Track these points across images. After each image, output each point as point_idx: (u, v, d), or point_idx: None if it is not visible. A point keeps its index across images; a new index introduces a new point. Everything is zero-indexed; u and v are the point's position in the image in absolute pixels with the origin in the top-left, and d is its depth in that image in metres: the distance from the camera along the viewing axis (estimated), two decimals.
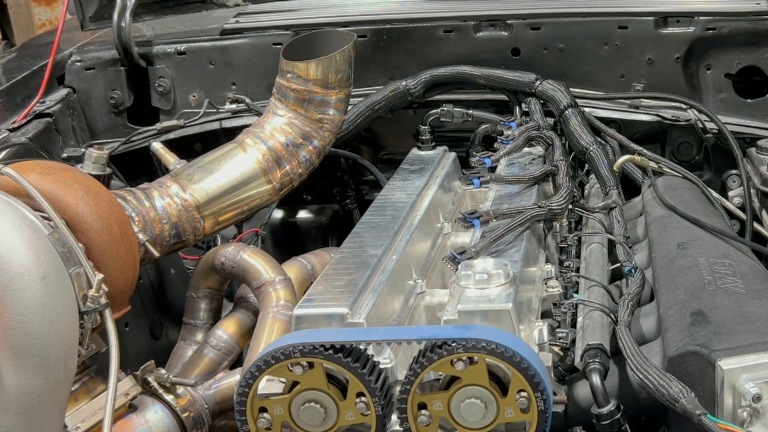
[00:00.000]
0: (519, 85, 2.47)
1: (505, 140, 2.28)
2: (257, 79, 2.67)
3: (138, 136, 2.62)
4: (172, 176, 2.08)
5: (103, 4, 2.71)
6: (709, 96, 2.49)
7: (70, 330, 1.43)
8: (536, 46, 2.57)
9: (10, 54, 2.97)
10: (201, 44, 2.72)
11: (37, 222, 1.48)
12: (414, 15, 2.67)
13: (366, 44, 2.64)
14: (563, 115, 2.37)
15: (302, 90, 2.19)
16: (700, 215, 1.94)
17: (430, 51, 2.63)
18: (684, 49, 2.47)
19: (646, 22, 2.49)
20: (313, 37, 2.34)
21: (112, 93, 2.67)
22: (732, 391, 1.32)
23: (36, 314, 1.36)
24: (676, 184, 2.18)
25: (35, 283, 1.37)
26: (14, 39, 6.22)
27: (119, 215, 1.70)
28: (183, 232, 1.99)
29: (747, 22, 2.41)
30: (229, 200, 2.09)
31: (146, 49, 2.70)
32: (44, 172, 1.64)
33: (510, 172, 2.12)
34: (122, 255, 1.66)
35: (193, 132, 2.62)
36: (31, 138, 2.30)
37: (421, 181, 2.15)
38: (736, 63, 2.45)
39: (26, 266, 1.37)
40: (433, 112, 2.55)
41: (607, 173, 2.22)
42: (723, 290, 1.56)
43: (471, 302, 1.44)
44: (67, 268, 1.47)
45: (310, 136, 2.22)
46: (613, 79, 2.55)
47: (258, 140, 2.16)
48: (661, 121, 2.45)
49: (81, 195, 1.63)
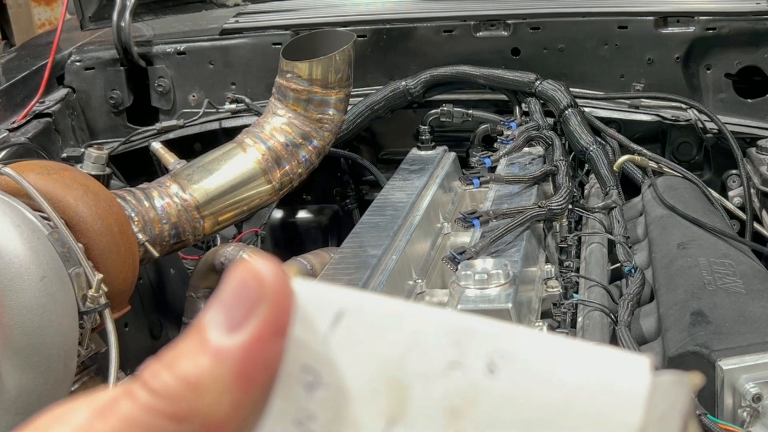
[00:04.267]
0: (519, 85, 2.47)
1: (504, 140, 2.27)
2: (257, 78, 2.67)
3: (137, 136, 2.61)
4: (171, 176, 2.07)
5: (102, 4, 2.71)
6: (709, 96, 2.49)
7: (69, 330, 1.44)
8: (536, 46, 2.57)
9: (10, 54, 2.97)
10: (200, 44, 2.72)
11: (36, 222, 1.48)
12: (414, 15, 2.67)
13: (366, 44, 2.64)
14: (563, 115, 2.37)
15: (302, 90, 2.19)
16: (700, 215, 1.94)
17: (430, 51, 2.63)
18: (684, 49, 2.47)
19: (646, 22, 2.48)
20: (313, 37, 2.34)
21: (112, 93, 2.67)
22: (732, 392, 1.32)
23: (36, 314, 1.36)
24: (676, 184, 2.18)
25: (35, 283, 1.37)
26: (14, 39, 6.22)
27: (119, 215, 1.70)
28: (183, 232, 1.99)
29: (747, 22, 2.41)
30: (229, 200, 2.09)
31: (146, 49, 2.70)
32: (44, 172, 1.64)
33: (510, 172, 2.12)
34: (122, 255, 1.66)
35: (192, 132, 2.61)
36: (30, 138, 2.29)
37: (420, 181, 2.15)
38: (736, 63, 2.45)
39: (26, 266, 1.37)
40: (433, 112, 2.54)
41: (607, 173, 2.22)
42: (723, 290, 1.56)
43: (471, 302, 1.43)
44: (67, 268, 1.47)
45: (309, 136, 2.22)
46: (613, 79, 2.55)
47: (258, 140, 2.16)
48: (661, 121, 2.45)
49: (80, 195, 1.63)
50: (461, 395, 0.39)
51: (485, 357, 0.39)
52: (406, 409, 0.39)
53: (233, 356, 0.38)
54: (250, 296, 0.38)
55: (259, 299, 0.38)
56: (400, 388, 0.39)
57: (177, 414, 0.37)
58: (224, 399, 0.37)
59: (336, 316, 0.41)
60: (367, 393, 0.40)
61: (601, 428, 0.37)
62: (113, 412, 0.38)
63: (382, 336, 0.40)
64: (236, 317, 0.38)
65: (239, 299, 0.38)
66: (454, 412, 0.39)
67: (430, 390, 0.39)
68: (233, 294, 0.39)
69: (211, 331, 0.38)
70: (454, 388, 0.39)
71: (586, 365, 0.38)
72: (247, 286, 0.39)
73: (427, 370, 0.39)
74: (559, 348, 0.39)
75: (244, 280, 0.39)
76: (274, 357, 0.39)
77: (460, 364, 0.39)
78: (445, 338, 0.40)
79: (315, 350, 0.40)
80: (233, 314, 0.38)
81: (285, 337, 0.40)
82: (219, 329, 0.38)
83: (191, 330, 0.39)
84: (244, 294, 0.39)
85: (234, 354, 0.38)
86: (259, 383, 0.39)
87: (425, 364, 0.40)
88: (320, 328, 0.40)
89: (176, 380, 0.37)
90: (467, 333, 0.39)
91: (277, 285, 0.39)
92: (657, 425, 0.37)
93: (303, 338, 0.40)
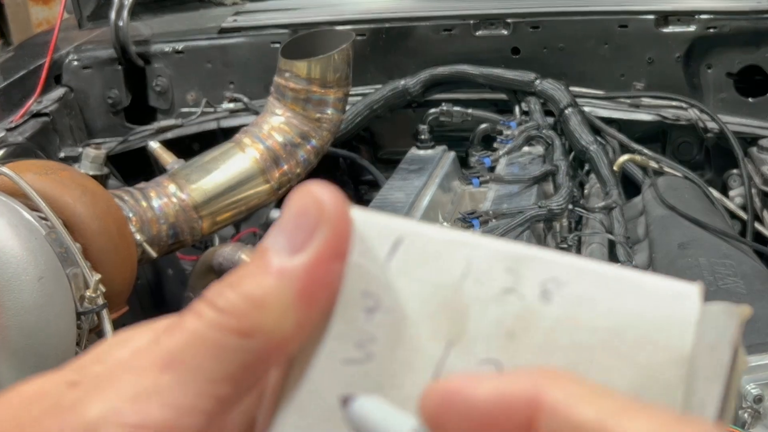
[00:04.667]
0: (518, 84, 2.46)
1: (504, 140, 2.27)
2: (255, 78, 2.66)
3: (135, 135, 2.60)
4: (169, 176, 2.07)
5: (100, 3, 2.70)
6: (710, 95, 2.48)
7: (67, 331, 1.43)
8: (536, 45, 2.56)
9: (8, 53, 2.96)
10: (199, 43, 2.71)
11: (34, 222, 1.47)
12: (413, 14, 2.66)
13: (365, 43, 2.63)
14: (563, 115, 2.36)
15: (300, 89, 2.18)
16: (701, 215, 1.94)
17: (429, 50, 2.62)
18: (685, 48, 2.46)
19: (647, 21, 2.48)
20: (312, 36, 2.33)
21: (110, 92, 2.66)
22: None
23: (33, 315, 1.35)
24: (676, 183, 2.17)
25: (32, 284, 1.36)
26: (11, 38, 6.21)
27: (117, 215, 1.70)
28: (181, 232, 1.98)
29: (748, 21, 2.40)
30: (227, 200, 2.08)
31: (144, 48, 2.69)
32: (41, 172, 1.63)
33: (510, 171, 2.11)
34: (120, 255, 1.66)
35: (190, 131, 2.60)
36: (28, 137, 2.28)
37: (420, 180, 2.14)
38: (737, 62, 2.44)
39: (23, 267, 1.36)
40: (432, 112, 2.53)
41: (607, 173, 2.21)
42: (724, 291, 1.55)
43: None
44: (65, 268, 1.47)
45: (308, 136, 2.21)
46: (614, 78, 2.54)
47: (256, 140, 2.15)
48: (662, 120, 2.44)
49: (78, 195, 1.62)
50: (517, 319, 0.40)
51: (539, 283, 0.40)
52: (464, 332, 0.40)
53: (296, 276, 0.39)
54: (311, 220, 0.40)
55: (319, 223, 0.40)
56: (458, 312, 0.41)
57: (243, 330, 0.38)
58: (287, 317, 0.39)
59: (393, 242, 0.42)
60: (425, 317, 0.41)
61: (652, 354, 0.38)
62: (180, 328, 0.39)
63: (438, 262, 0.41)
64: (297, 240, 0.40)
65: (300, 223, 0.40)
66: (510, 335, 0.40)
67: (486, 314, 0.40)
68: (294, 218, 0.40)
69: (274, 254, 0.40)
70: (509, 312, 0.40)
71: (638, 292, 0.39)
72: (308, 211, 0.40)
73: (483, 295, 0.41)
74: (611, 275, 0.40)
75: (304, 205, 0.40)
76: (334, 279, 0.41)
77: (515, 289, 0.40)
78: (500, 265, 0.41)
79: (374, 275, 0.41)
80: (294, 238, 0.40)
81: (344, 260, 0.41)
82: (281, 252, 0.40)
83: (254, 255, 0.41)
84: (304, 218, 0.40)
85: (296, 274, 0.39)
86: (321, 303, 0.40)
87: (481, 290, 0.41)
88: (378, 254, 0.42)
89: (241, 298, 0.39)
90: (521, 260, 0.41)
91: (337, 210, 0.40)
92: (707, 354, 0.38)
93: (362, 264, 0.41)
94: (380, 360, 0.41)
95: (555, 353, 0.39)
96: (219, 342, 0.38)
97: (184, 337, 0.38)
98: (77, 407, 0.38)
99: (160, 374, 0.38)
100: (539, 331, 0.40)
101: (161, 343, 0.39)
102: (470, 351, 0.40)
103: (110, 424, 0.37)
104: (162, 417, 0.37)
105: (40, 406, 0.39)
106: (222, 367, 0.38)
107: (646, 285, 0.40)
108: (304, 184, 0.41)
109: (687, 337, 0.39)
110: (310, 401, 0.40)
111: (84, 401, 0.38)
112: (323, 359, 0.41)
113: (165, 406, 0.37)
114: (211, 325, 0.38)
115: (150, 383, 0.38)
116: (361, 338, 0.41)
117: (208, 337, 0.38)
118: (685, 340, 0.38)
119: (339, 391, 0.40)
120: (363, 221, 0.42)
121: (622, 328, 0.39)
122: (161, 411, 0.37)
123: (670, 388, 0.38)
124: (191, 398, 0.38)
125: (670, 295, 0.39)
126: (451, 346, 0.40)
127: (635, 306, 0.39)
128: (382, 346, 0.41)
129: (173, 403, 0.38)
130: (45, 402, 0.39)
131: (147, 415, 0.37)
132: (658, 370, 0.38)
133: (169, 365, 0.38)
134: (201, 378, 0.38)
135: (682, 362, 0.38)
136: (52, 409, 0.38)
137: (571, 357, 0.39)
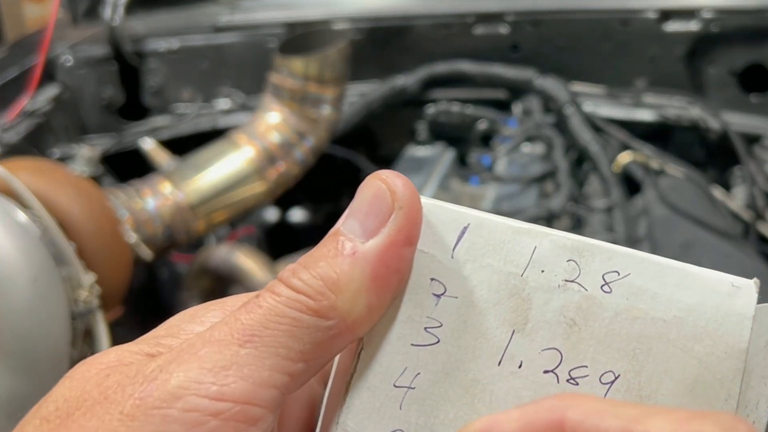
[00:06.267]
0: (518, 81, 2.45)
1: (504, 138, 2.25)
2: (251, 76, 2.64)
3: (130, 134, 2.59)
4: (164, 175, 2.05)
5: (95, 1, 2.68)
6: (713, 93, 2.46)
7: (61, 332, 1.42)
8: (536, 42, 2.54)
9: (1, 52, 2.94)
10: (194, 41, 2.69)
11: (27, 222, 1.45)
12: (411, 11, 2.65)
13: (362, 41, 2.61)
14: (563, 113, 2.34)
15: (297, 87, 2.16)
16: (703, 215, 1.92)
17: (428, 47, 2.61)
18: (687, 46, 2.45)
19: (649, 19, 2.46)
20: (308, 34, 2.32)
21: (104, 91, 2.64)
22: None
23: (27, 317, 1.34)
24: (678, 183, 2.16)
25: (26, 285, 1.35)
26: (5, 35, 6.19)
27: (111, 215, 1.68)
28: (176, 232, 1.96)
29: (751, 19, 2.38)
30: (223, 200, 2.06)
31: (138, 46, 2.68)
32: (35, 171, 1.61)
33: (509, 171, 2.10)
34: (114, 256, 1.64)
35: (186, 130, 2.59)
36: (22, 137, 2.27)
37: (418, 179, 2.13)
38: (740, 60, 2.43)
39: (17, 268, 1.35)
40: (431, 110, 2.52)
41: (607, 172, 2.20)
42: None
43: None
44: (59, 269, 1.45)
45: (305, 134, 2.19)
46: (615, 75, 2.52)
47: (252, 138, 2.13)
48: (664, 118, 2.42)
49: (73, 194, 1.61)
50: (578, 309, 0.42)
51: (600, 275, 0.42)
52: (527, 320, 0.42)
53: (369, 260, 0.41)
54: (384, 206, 0.42)
55: (392, 209, 0.42)
56: (522, 300, 0.42)
57: (318, 310, 0.40)
58: (360, 299, 0.41)
59: (460, 230, 0.44)
60: (491, 304, 0.43)
61: (709, 347, 0.40)
62: (257, 305, 0.41)
63: (503, 250, 0.43)
64: (371, 225, 0.42)
65: (373, 209, 0.42)
66: (571, 324, 0.42)
67: (549, 302, 0.42)
68: (367, 204, 0.42)
69: (347, 237, 0.42)
70: (571, 301, 0.42)
71: (696, 285, 0.42)
72: (381, 197, 0.42)
73: (546, 284, 0.43)
74: (670, 269, 0.43)
75: (378, 191, 0.42)
76: (405, 264, 0.43)
77: (576, 280, 0.42)
78: (562, 255, 0.43)
79: (442, 262, 0.43)
80: (368, 222, 0.42)
81: (415, 246, 0.43)
82: (354, 236, 0.42)
83: (327, 238, 0.43)
84: (377, 204, 0.42)
85: (369, 258, 0.41)
86: (392, 287, 0.42)
87: (544, 279, 0.43)
88: (446, 242, 0.44)
89: (317, 279, 0.41)
90: (584, 251, 0.43)
91: (409, 197, 0.42)
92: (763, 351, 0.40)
93: (430, 251, 0.43)
94: (447, 345, 0.43)
95: (614, 343, 0.41)
96: (295, 320, 0.40)
97: (261, 314, 0.40)
98: (159, 376, 0.39)
99: (239, 348, 0.40)
100: (600, 321, 0.42)
101: (239, 318, 0.40)
102: (533, 339, 0.42)
103: (191, 394, 0.39)
104: (239, 389, 0.39)
105: (122, 374, 0.41)
106: (297, 345, 0.40)
107: (705, 278, 0.42)
108: (375, 172, 0.43)
109: (744, 332, 0.40)
110: (381, 382, 0.43)
111: (166, 371, 0.40)
112: (393, 342, 0.43)
113: (243, 378, 0.39)
114: (288, 303, 0.40)
115: (229, 356, 0.39)
116: (430, 323, 0.43)
117: (285, 315, 0.40)
118: (743, 335, 0.40)
119: (408, 374, 0.42)
120: (431, 210, 0.44)
121: (681, 319, 0.41)
122: (239, 383, 0.39)
123: (725, 380, 0.40)
124: (267, 373, 0.40)
125: (728, 289, 0.41)
126: (517, 333, 0.42)
127: (693, 298, 0.41)
128: (448, 331, 0.43)
129: (251, 376, 0.39)
130: (127, 371, 0.41)
131: (226, 387, 0.39)
132: (714, 363, 0.40)
133: (249, 340, 0.40)
134: (277, 354, 0.40)
135: (739, 356, 0.40)
136: (135, 377, 0.40)
137: (630, 347, 0.41)
